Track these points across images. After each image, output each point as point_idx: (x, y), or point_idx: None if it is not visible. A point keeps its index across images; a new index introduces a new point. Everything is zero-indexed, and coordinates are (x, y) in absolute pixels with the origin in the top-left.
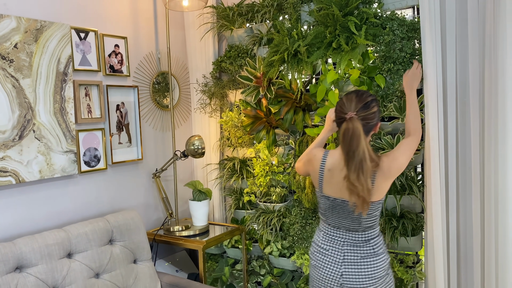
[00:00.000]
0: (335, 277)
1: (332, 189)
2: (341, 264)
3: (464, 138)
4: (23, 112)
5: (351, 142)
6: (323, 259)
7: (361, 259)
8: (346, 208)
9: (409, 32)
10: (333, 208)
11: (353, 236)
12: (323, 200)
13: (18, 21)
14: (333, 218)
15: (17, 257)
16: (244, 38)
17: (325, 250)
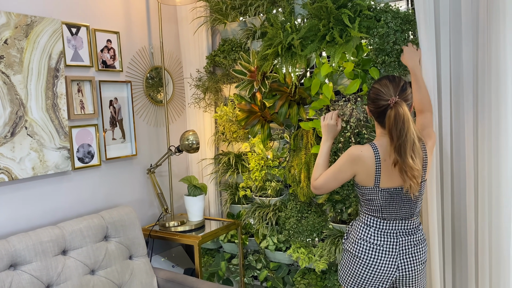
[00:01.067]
0: (391, 271)
1: (390, 180)
2: (396, 257)
3: (458, 131)
4: (15, 109)
5: (403, 125)
6: (378, 256)
7: (414, 247)
8: (403, 196)
9: (403, 24)
10: (391, 200)
11: (406, 225)
12: (380, 194)
13: (7, 17)
14: (389, 211)
15: (11, 255)
16: (238, 31)
17: (378, 246)
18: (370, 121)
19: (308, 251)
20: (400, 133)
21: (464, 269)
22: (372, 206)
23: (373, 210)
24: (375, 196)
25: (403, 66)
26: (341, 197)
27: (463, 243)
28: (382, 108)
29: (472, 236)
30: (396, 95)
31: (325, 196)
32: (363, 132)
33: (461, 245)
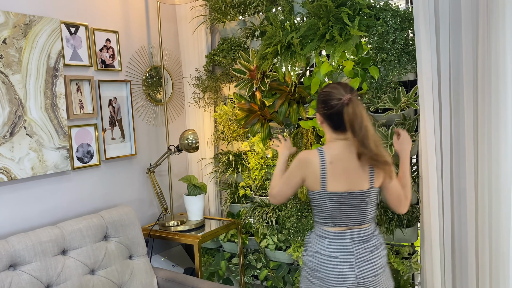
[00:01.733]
0: (350, 281)
1: (338, 183)
2: (354, 266)
3: (458, 129)
4: (14, 109)
5: (362, 119)
6: (334, 268)
7: (370, 253)
8: (353, 201)
9: (402, 22)
10: (340, 205)
11: (360, 232)
12: (328, 199)
13: (6, 16)
14: (340, 218)
15: (11, 255)
16: (237, 30)
17: (334, 258)
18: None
19: None
20: (361, 125)
21: (464, 269)
22: (323, 213)
23: (325, 218)
24: (323, 200)
25: (403, 64)
26: None
27: (463, 243)
28: (335, 108)
29: (472, 236)
30: (351, 93)
31: None
32: None
33: (461, 245)
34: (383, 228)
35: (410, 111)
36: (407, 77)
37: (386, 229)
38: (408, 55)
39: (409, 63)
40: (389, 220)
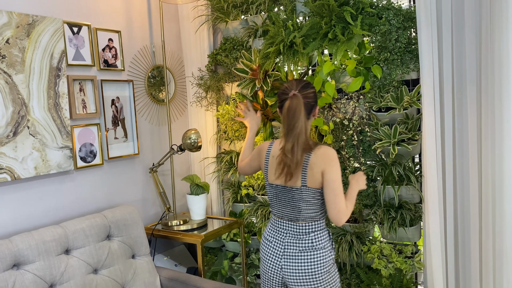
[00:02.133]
0: (276, 270)
1: (275, 176)
2: (281, 257)
3: (461, 127)
4: (17, 108)
5: (293, 115)
6: (267, 251)
7: (299, 253)
8: (286, 195)
9: (405, 21)
10: (276, 196)
11: (295, 227)
12: (269, 188)
13: (9, 16)
14: (277, 207)
15: (14, 254)
16: (239, 30)
17: (269, 242)
18: (372, 119)
19: None
20: (289, 121)
21: (468, 268)
22: (269, 201)
23: (270, 205)
24: (267, 189)
25: (406, 63)
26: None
27: (466, 242)
28: (281, 102)
29: (476, 235)
30: (297, 89)
31: None
32: (366, 130)
33: (464, 244)
34: (386, 227)
35: (413, 110)
36: (410, 76)
37: (389, 228)
38: (411, 54)
39: (411, 62)
40: (392, 219)
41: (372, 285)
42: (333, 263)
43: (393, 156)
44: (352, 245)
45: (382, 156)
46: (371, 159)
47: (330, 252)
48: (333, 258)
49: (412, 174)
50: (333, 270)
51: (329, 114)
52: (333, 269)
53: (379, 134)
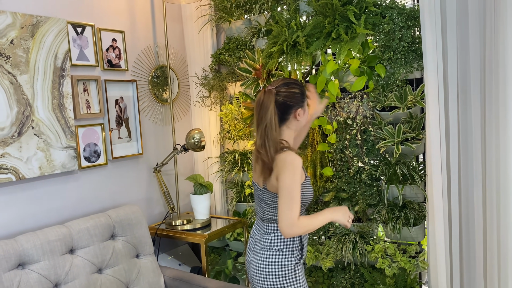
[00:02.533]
0: (247, 265)
1: (254, 173)
2: (250, 253)
3: (465, 126)
4: (21, 109)
5: (260, 109)
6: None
7: (261, 250)
8: (256, 193)
9: (408, 20)
10: (254, 193)
11: (262, 226)
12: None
13: (13, 17)
14: (255, 205)
15: (19, 254)
16: (243, 30)
17: (250, 238)
18: (376, 118)
19: (315, 249)
20: (257, 115)
21: (472, 268)
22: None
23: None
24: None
25: (409, 62)
26: (347, 194)
27: (471, 241)
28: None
29: (480, 234)
30: (274, 86)
31: (331, 193)
32: (370, 130)
33: (469, 243)
34: (390, 227)
35: (416, 109)
36: (414, 75)
37: (393, 228)
38: (415, 53)
39: (415, 61)
40: (396, 219)
41: (376, 284)
42: (294, 269)
43: (397, 155)
44: (356, 244)
45: (386, 155)
46: (375, 159)
47: (290, 257)
48: (295, 264)
49: (416, 174)
50: (292, 277)
51: (333, 114)
52: (293, 276)
53: (382, 134)
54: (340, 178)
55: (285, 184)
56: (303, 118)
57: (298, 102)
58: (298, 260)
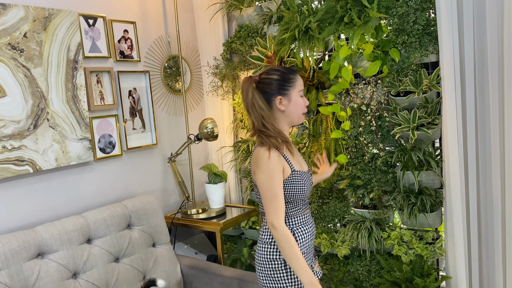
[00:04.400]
0: None
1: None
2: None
3: (483, 111)
4: (36, 101)
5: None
6: None
7: (258, 242)
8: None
9: (423, 2)
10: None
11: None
12: None
13: (26, 10)
14: None
15: (38, 244)
16: (254, 17)
17: None
18: (391, 103)
19: (330, 237)
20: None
21: (491, 254)
22: None
23: None
24: None
25: (424, 46)
26: (362, 181)
27: (490, 227)
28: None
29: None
30: (257, 74)
31: (346, 181)
32: (384, 115)
33: (488, 229)
34: (406, 213)
35: (432, 94)
36: (429, 59)
37: (409, 214)
38: (430, 36)
39: (430, 44)
40: (412, 205)
41: (393, 271)
42: (284, 264)
43: (413, 141)
44: (372, 231)
45: (401, 141)
46: (390, 145)
47: (273, 253)
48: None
49: (432, 159)
50: (281, 272)
51: (347, 100)
52: (283, 271)
53: (398, 119)
54: (354, 165)
55: (261, 183)
56: (289, 108)
57: (277, 89)
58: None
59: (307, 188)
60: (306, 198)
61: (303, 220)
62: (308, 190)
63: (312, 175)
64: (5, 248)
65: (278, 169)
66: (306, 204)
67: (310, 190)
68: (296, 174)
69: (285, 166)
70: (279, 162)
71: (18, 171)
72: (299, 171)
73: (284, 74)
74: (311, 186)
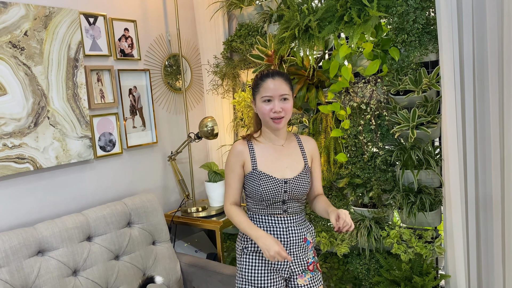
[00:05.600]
0: None
1: None
2: None
3: (482, 110)
4: (37, 100)
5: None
6: None
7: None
8: None
9: (423, 1)
10: None
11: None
12: None
13: (26, 9)
14: None
15: (39, 241)
16: (254, 16)
17: None
18: (390, 102)
19: (330, 235)
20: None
21: (490, 253)
22: None
23: None
24: None
25: (424, 45)
26: (361, 180)
27: (489, 226)
28: None
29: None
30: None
31: (345, 179)
32: (384, 114)
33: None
34: (405, 212)
35: (432, 93)
36: (429, 58)
37: (408, 213)
38: (430, 35)
39: (430, 43)
40: (411, 204)
41: (392, 270)
42: (241, 252)
43: (412, 140)
44: (371, 230)
45: (401, 140)
46: (390, 144)
47: (241, 240)
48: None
49: (432, 158)
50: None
51: (346, 99)
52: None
53: (397, 118)
54: (354, 164)
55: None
56: (258, 111)
57: (252, 92)
58: (246, 246)
59: (266, 191)
60: (266, 201)
61: (266, 220)
62: (268, 193)
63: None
64: (5, 245)
65: (235, 162)
66: (276, 207)
67: (277, 197)
68: (255, 173)
69: (246, 162)
70: (239, 156)
71: (18, 169)
72: (261, 172)
73: (256, 78)
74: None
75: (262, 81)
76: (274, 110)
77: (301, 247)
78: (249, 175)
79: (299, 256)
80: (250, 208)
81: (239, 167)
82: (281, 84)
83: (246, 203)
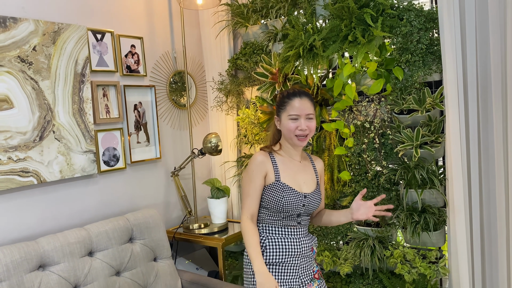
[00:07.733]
0: None
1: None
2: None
3: (486, 129)
4: (43, 113)
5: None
6: None
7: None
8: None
9: (426, 22)
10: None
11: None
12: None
13: (36, 24)
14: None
15: (40, 256)
16: (259, 34)
17: None
18: (394, 121)
19: (333, 254)
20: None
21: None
22: None
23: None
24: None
25: (428, 65)
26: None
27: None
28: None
29: (503, 240)
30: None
31: (349, 198)
32: (388, 133)
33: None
34: (409, 232)
35: (435, 112)
36: (432, 78)
37: (412, 233)
38: (433, 55)
39: (434, 63)
40: (415, 224)
41: None
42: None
43: (416, 159)
44: (375, 249)
45: (404, 159)
46: (393, 162)
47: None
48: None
49: (436, 178)
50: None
51: (350, 117)
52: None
53: (401, 137)
54: (358, 182)
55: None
56: (282, 128)
57: (277, 110)
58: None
59: (288, 204)
60: (285, 212)
61: (280, 232)
62: (289, 206)
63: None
64: (7, 259)
65: (257, 171)
66: (291, 219)
67: (296, 209)
68: (278, 185)
69: (269, 172)
70: (261, 166)
71: (22, 182)
72: (284, 184)
73: (282, 96)
74: (299, 207)
75: (289, 100)
76: (300, 128)
77: (309, 257)
78: (271, 186)
79: (307, 265)
80: (262, 219)
81: (261, 178)
82: (307, 103)
83: (258, 214)
